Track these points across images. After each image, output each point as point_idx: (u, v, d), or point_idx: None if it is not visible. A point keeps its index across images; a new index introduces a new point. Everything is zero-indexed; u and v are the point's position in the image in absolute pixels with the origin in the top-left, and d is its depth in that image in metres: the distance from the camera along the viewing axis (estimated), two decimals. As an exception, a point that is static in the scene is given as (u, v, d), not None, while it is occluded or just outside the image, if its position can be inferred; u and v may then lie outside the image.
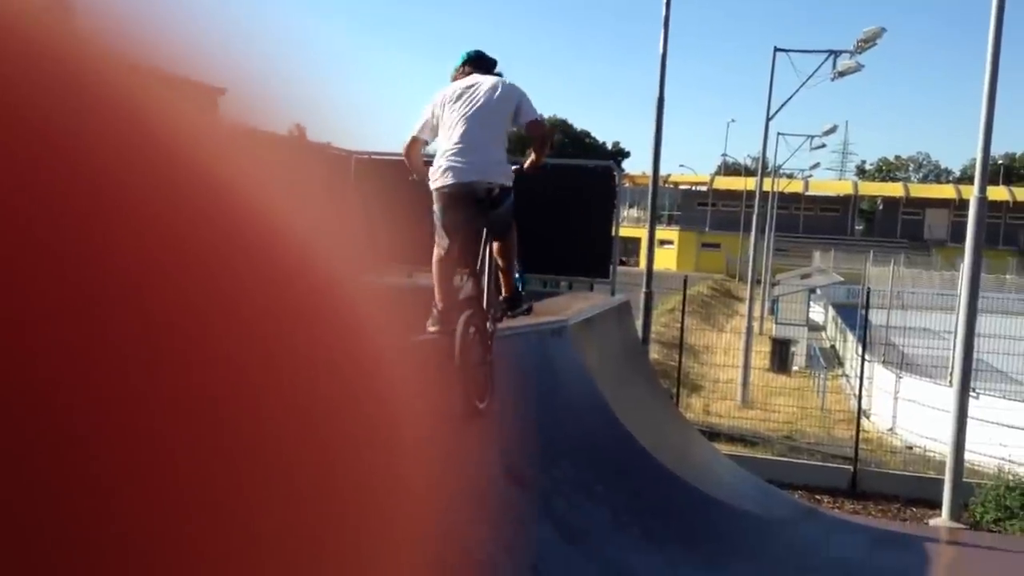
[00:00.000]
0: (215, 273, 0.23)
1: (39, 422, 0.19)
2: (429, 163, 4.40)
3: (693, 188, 60.08)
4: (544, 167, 4.62)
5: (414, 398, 0.30)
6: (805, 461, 11.58)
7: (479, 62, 4.57)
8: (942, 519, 9.18)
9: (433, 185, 4.26)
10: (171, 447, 0.21)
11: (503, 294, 4.58)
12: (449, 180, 4.21)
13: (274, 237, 0.25)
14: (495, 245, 4.41)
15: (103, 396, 0.20)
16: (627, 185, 47.71)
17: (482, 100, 4.33)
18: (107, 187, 0.21)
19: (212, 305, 0.23)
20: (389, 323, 0.30)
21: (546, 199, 7.52)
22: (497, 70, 4.62)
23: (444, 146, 4.30)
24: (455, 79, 4.50)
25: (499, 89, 4.37)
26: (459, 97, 4.34)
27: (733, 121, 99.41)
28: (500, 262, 4.47)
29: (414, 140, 4.47)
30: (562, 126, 69.93)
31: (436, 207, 4.26)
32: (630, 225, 42.54)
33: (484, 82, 4.41)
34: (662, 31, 11.68)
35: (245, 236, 0.24)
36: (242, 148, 0.26)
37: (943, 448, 9.91)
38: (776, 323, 22.92)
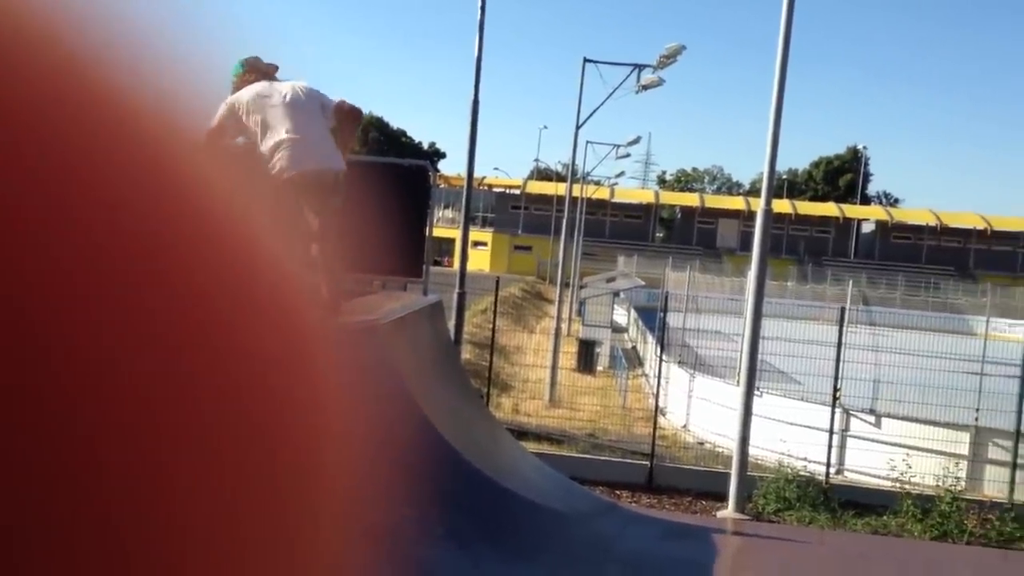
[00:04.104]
0: (194, 266, 0.23)
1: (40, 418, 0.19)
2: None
3: (507, 191, 61.21)
4: (352, 161, 4.62)
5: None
6: (606, 458, 12.04)
7: (264, 70, 4.49)
8: (728, 511, 9.81)
9: (285, 174, 4.14)
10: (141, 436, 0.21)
11: (323, 295, 4.50)
12: (300, 168, 4.15)
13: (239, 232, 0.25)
14: (320, 244, 4.39)
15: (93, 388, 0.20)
16: (442, 186, 47.93)
17: (292, 98, 4.30)
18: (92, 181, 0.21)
19: (194, 298, 0.23)
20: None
21: (359, 196, 7.43)
22: (278, 75, 4.55)
23: (279, 138, 4.19)
24: (238, 87, 4.32)
25: (302, 89, 4.39)
26: (268, 97, 4.27)
27: (545, 128, 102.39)
28: (323, 262, 4.42)
29: (221, 127, 4.11)
30: (378, 124, 69.26)
31: (281, 200, 4.10)
32: (445, 226, 42.78)
33: (284, 85, 4.38)
34: (477, 35, 11.81)
35: (220, 231, 0.25)
36: (201, 146, 0.26)
37: (731, 444, 10.58)
38: (583, 325, 23.71)
